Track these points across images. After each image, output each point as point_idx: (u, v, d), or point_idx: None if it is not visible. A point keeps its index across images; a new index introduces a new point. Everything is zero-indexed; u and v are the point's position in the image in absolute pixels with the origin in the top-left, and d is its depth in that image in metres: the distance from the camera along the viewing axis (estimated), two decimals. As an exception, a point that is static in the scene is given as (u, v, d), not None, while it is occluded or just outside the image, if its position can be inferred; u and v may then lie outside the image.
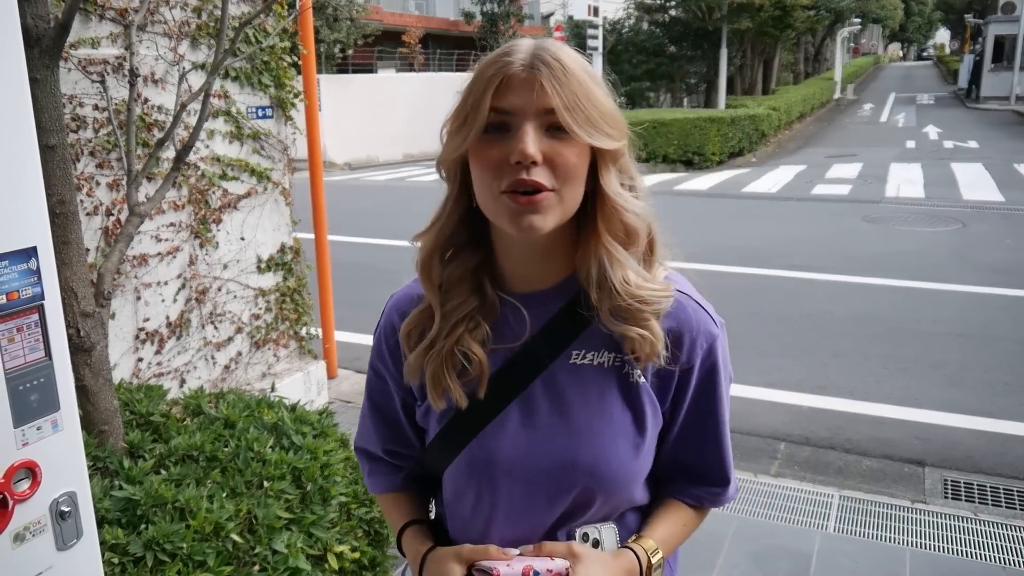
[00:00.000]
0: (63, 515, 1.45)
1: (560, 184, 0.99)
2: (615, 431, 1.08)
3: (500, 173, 0.99)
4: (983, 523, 3.42)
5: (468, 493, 1.15)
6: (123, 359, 3.52)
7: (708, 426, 1.16)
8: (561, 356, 1.10)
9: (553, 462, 1.08)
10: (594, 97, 0.99)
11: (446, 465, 1.16)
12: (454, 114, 1.04)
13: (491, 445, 1.11)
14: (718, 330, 1.13)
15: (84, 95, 3.25)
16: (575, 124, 0.97)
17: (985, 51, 30.66)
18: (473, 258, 1.10)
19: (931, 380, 5.13)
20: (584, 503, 1.10)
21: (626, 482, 1.11)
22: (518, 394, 1.10)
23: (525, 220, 0.99)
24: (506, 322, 1.11)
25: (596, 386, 1.09)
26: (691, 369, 1.11)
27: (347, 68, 24.61)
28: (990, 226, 9.88)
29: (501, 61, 0.99)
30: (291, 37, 4.31)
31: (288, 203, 4.35)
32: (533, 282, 1.11)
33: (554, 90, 0.96)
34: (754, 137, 18.62)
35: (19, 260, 1.36)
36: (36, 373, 1.39)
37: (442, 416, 1.14)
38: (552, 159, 0.98)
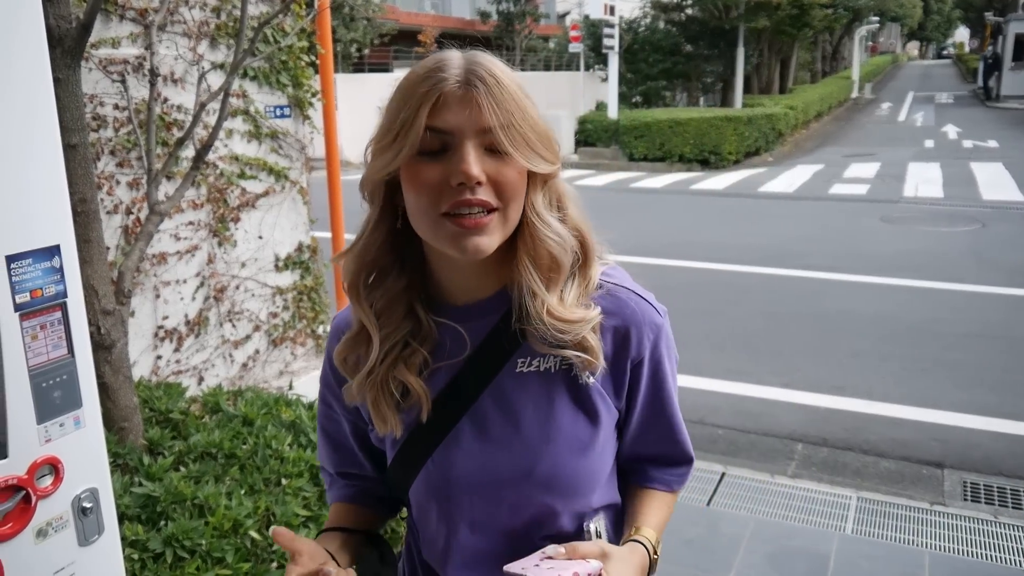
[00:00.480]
0: (85, 511, 1.47)
1: (504, 203, 0.96)
2: (568, 435, 1.07)
3: (439, 195, 0.95)
4: (1003, 526, 3.39)
5: (430, 511, 1.14)
6: (142, 357, 3.55)
7: (664, 414, 1.17)
8: (506, 366, 1.07)
9: (511, 474, 1.07)
10: (530, 117, 0.96)
11: (408, 485, 1.15)
12: (381, 132, 1.00)
13: (446, 463, 1.09)
14: (662, 319, 1.12)
15: (105, 94, 3.28)
16: (511, 145, 0.94)
17: (1006, 49, 30.35)
18: (399, 281, 1.07)
19: (950, 381, 5.09)
20: (548, 511, 1.09)
21: (586, 484, 1.10)
22: (467, 409, 1.08)
23: (471, 243, 0.95)
24: (443, 341, 1.09)
25: (545, 393, 1.07)
26: (641, 362, 1.10)
27: (363, 68, 24.69)
28: (1010, 226, 9.79)
29: (435, 77, 0.94)
30: (309, 37, 4.33)
31: (306, 202, 4.37)
32: (468, 294, 1.08)
33: (491, 108, 0.92)
34: (771, 136, 18.53)
35: (42, 258, 1.37)
36: (59, 370, 1.40)
37: (394, 440, 1.13)
38: (494, 178, 0.95)
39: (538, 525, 1.10)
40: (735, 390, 5.03)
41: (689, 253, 8.63)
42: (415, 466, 1.11)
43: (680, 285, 7.51)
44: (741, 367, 5.41)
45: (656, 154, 16.96)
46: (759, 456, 4.17)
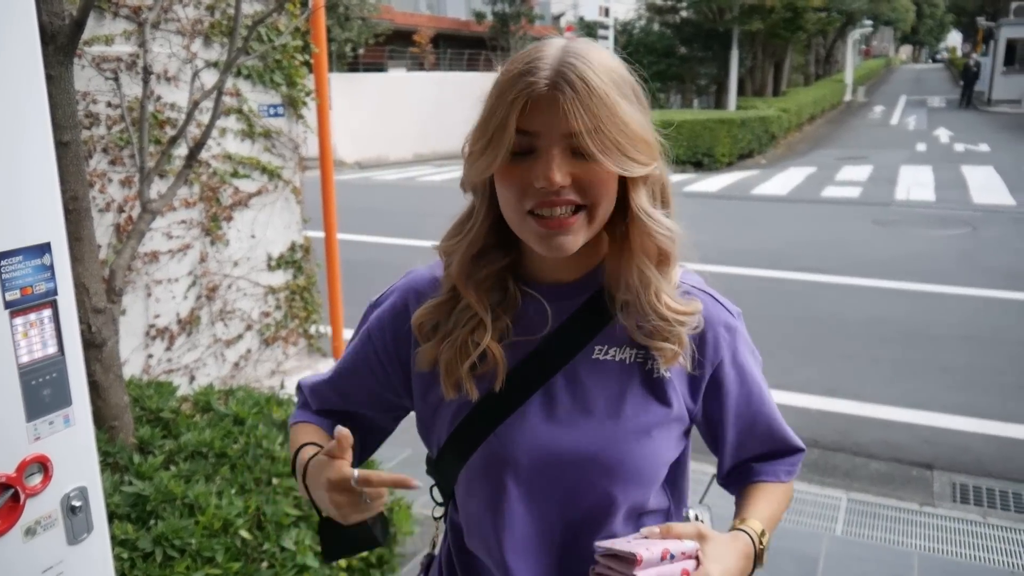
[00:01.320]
0: (74, 510, 1.46)
1: (590, 203, 0.98)
2: (637, 425, 1.07)
3: (526, 193, 0.97)
4: (991, 527, 3.41)
5: (484, 489, 1.12)
6: (133, 355, 3.54)
7: (762, 413, 1.18)
8: (583, 351, 1.08)
9: (574, 456, 1.06)
10: (621, 118, 0.95)
11: (458, 471, 1.13)
12: (477, 133, 1.01)
13: (510, 438, 1.08)
14: (736, 320, 1.14)
15: (98, 92, 3.27)
16: (598, 150, 0.93)
17: (997, 54, 30.48)
18: (501, 260, 1.09)
19: (941, 383, 5.11)
20: (607, 500, 1.08)
21: (648, 479, 1.09)
22: (539, 387, 1.08)
23: (553, 242, 0.98)
24: (527, 315, 1.10)
25: (618, 382, 1.08)
26: (722, 364, 1.11)
27: (358, 67, 24.65)
28: (1001, 229, 9.83)
29: (524, 81, 0.95)
30: (303, 36, 4.32)
31: (299, 201, 4.36)
32: (558, 275, 1.10)
33: (577, 113, 0.92)
34: (764, 139, 18.58)
35: (33, 255, 1.37)
36: (49, 368, 1.40)
37: (457, 411, 1.11)
38: (581, 179, 0.96)
39: (594, 515, 1.08)
40: (727, 391, 5.03)
41: (681, 255, 8.61)
42: (478, 438, 1.10)
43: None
44: (733, 369, 5.41)
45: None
46: (750, 457, 4.18)
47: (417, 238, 9.80)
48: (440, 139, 21.50)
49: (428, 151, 21.39)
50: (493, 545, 1.12)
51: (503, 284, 1.09)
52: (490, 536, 1.12)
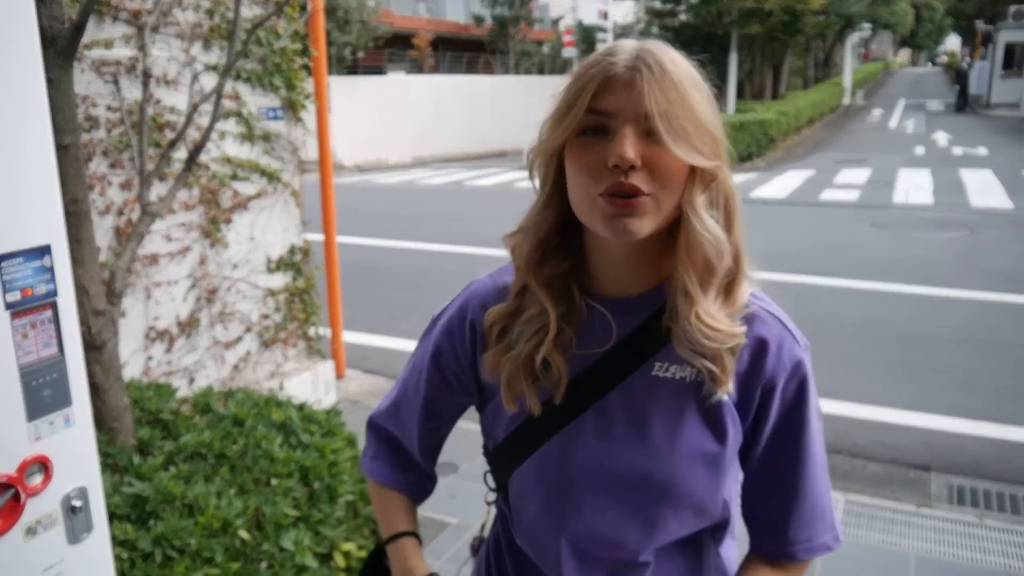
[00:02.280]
0: (74, 509, 1.47)
1: (658, 190, 0.96)
2: (693, 449, 1.05)
3: (597, 176, 0.96)
4: (988, 528, 3.42)
5: (534, 498, 1.12)
6: (133, 357, 3.55)
7: (797, 463, 1.09)
8: (643, 367, 1.06)
9: (627, 474, 1.05)
10: (691, 106, 0.95)
11: (512, 470, 1.14)
12: (552, 112, 1.01)
13: (563, 452, 1.08)
14: (802, 351, 1.08)
15: (97, 95, 3.28)
16: (665, 132, 0.93)
17: (996, 57, 30.53)
18: (563, 263, 1.07)
19: (938, 385, 5.12)
20: (659, 520, 1.06)
21: (702, 502, 1.07)
22: (595, 402, 1.07)
23: (621, 223, 0.96)
24: (591, 328, 1.08)
25: (676, 401, 1.05)
26: (772, 391, 1.06)
27: (357, 71, 24.70)
28: (999, 232, 9.84)
29: (604, 62, 0.96)
30: (302, 39, 4.34)
31: (298, 204, 4.38)
32: (622, 287, 1.07)
33: (651, 94, 0.92)
34: (763, 142, 18.60)
35: (33, 257, 1.38)
36: (49, 369, 1.41)
37: (512, 419, 1.12)
38: (651, 163, 0.95)
39: (649, 533, 1.07)
40: (725, 394, 5.04)
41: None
42: (531, 447, 1.10)
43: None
44: (731, 371, 5.42)
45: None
46: (748, 459, 4.19)
47: (416, 240, 9.85)
48: (439, 142, 21.54)
49: (427, 154, 21.41)
50: (543, 550, 1.13)
51: (569, 294, 1.08)
52: (541, 542, 1.13)
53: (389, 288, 7.63)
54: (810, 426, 1.09)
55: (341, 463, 2.67)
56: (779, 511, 1.12)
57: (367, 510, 2.68)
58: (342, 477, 2.63)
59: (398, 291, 7.48)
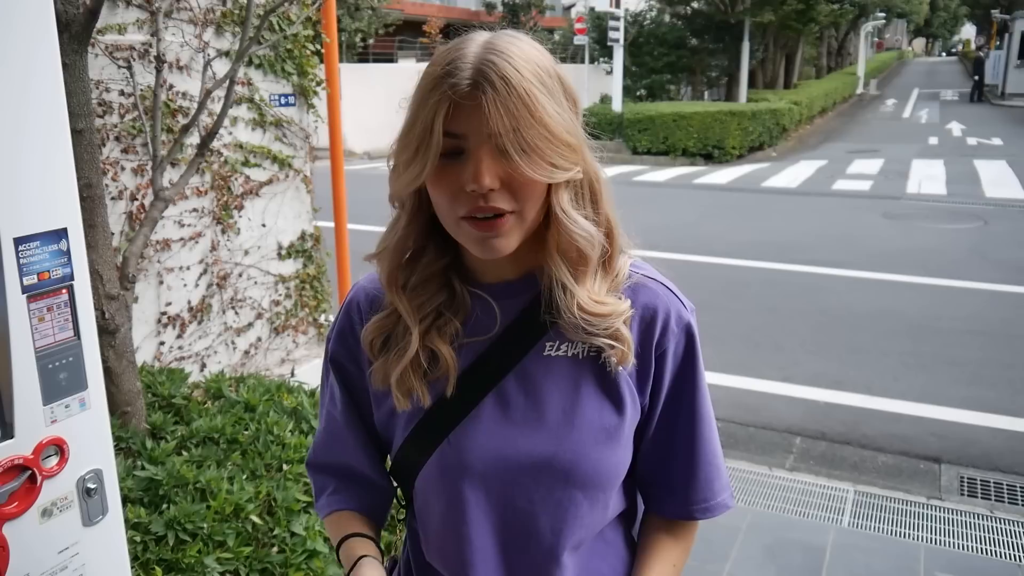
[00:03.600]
0: (89, 492, 1.49)
1: (520, 205, 0.94)
2: (593, 424, 1.03)
3: (457, 199, 0.94)
4: (999, 520, 3.41)
5: (439, 499, 1.08)
6: (145, 342, 3.57)
7: (691, 427, 1.10)
8: (535, 348, 1.05)
9: (530, 459, 1.03)
10: (540, 119, 0.91)
11: (420, 466, 1.09)
12: (401, 140, 0.98)
13: (463, 443, 1.05)
14: (689, 315, 1.08)
15: (111, 81, 3.29)
16: (516, 153, 0.90)
17: (1012, 47, 30.23)
18: (440, 261, 1.06)
19: (949, 377, 5.10)
20: (570, 505, 1.04)
21: (608, 477, 1.05)
22: (491, 389, 1.05)
23: (487, 244, 0.95)
24: (476, 316, 1.06)
25: (571, 378, 1.04)
26: (664, 354, 1.06)
27: (368, 58, 24.65)
28: (1013, 224, 9.78)
29: (445, 82, 0.91)
30: (314, 26, 4.33)
31: (309, 191, 4.38)
32: (501, 273, 1.06)
33: (496, 115, 0.89)
34: (775, 131, 18.50)
35: (50, 241, 1.39)
36: (65, 352, 1.42)
37: (409, 418, 1.08)
38: (509, 181, 0.93)
39: (557, 520, 1.05)
40: (735, 383, 5.04)
41: (691, 247, 8.63)
42: (431, 445, 1.07)
43: (682, 278, 7.42)
44: (741, 361, 5.42)
45: (660, 148, 16.93)
46: (757, 449, 4.19)
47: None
48: (450, 130, 21.45)
49: (438, 142, 21.35)
50: (452, 557, 1.09)
51: (449, 285, 1.07)
52: (449, 549, 1.09)
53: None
54: (701, 386, 1.10)
55: (352, 449, 2.68)
56: (678, 473, 1.11)
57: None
58: (353, 463, 2.64)
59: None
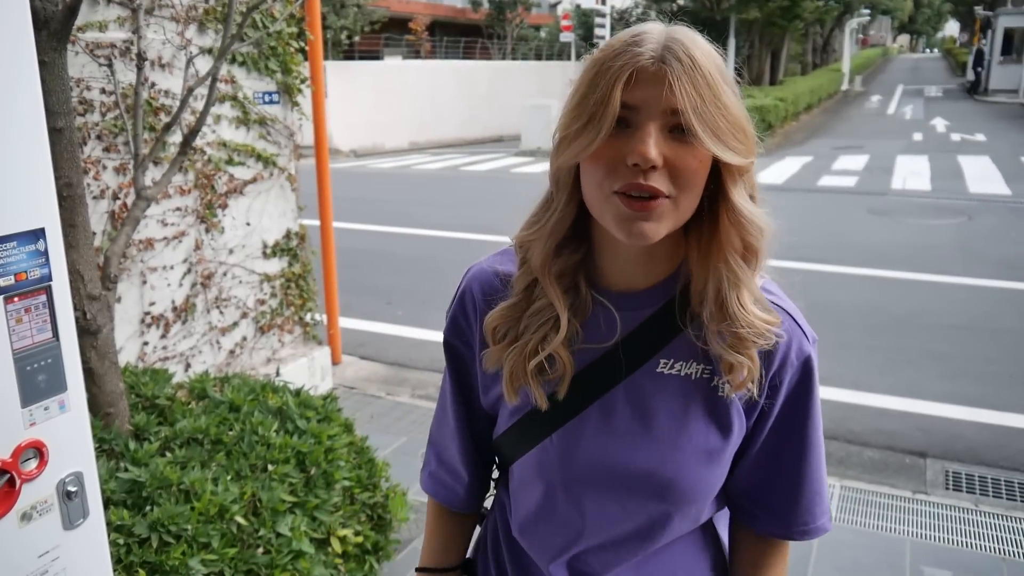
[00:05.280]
0: (70, 495, 1.47)
1: (678, 191, 0.91)
2: (697, 446, 1.02)
3: (614, 172, 0.90)
4: (984, 514, 3.43)
5: (534, 488, 1.10)
6: (129, 343, 3.54)
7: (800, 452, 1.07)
8: (648, 363, 1.03)
9: (629, 471, 1.03)
10: (724, 103, 0.90)
11: (512, 461, 1.13)
12: (572, 111, 0.93)
13: (566, 444, 1.05)
14: (811, 347, 1.05)
15: (91, 78, 3.25)
16: (701, 131, 0.87)
17: (994, 43, 30.46)
18: (575, 256, 1.03)
19: (935, 372, 5.13)
20: (662, 519, 1.05)
21: (703, 496, 1.06)
22: (599, 397, 1.04)
23: (636, 226, 0.91)
24: (596, 322, 1.04)
25: (681, 398, 1.03)
26: (780, 386, 1.03)
27: (353, 55, 24.56)
28: (997, 219, 9.85)
29: (630, 51, 0.89)
30: (298, 23, 4.31)
31: (294, 189, 4.36)
32: (630, 282, 1.04)
33: (683, 90, 0.86)
34: (760, 128, 18.18)
35: (27, 241, 1.37)
36: (44, 354, 1.40)
37: (514, 411, 1.09)
38: (673, 164, 0.89)
39: (644, 533, 1.06)
40: (722, 380, 5.05)
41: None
42: (534, 439, 1.08)
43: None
44: (728, 357, 5.43)
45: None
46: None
47: (412, 227, 9.81)
48: (436, 127, 21.47)
49: (424, 139, 21.35)
50: (538, 544, 1.11)
51: (576, 286, 1.04)
52: (541, 538, 1.11)
53: (385, 274, 7.61)
54: (814, 418, 1.07)
55: (338, 449, 2.66)
56: (779, 497, 1.10)
57: (363, 496, 2.68)
58: (338, 463, 2.62)
59: (394, 277, 7.46)
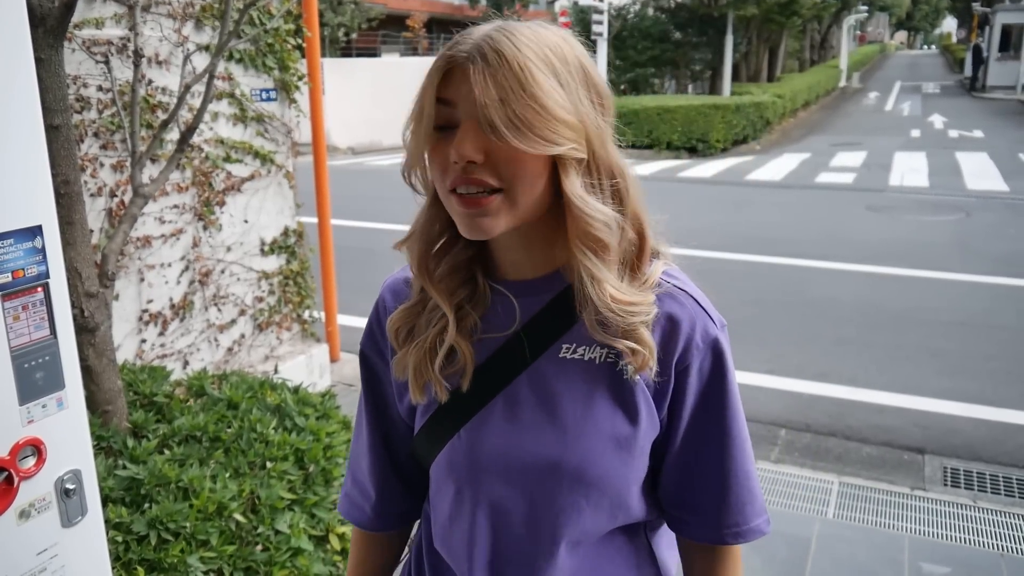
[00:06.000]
0: (68, 492, 1.47)
1: (508, 183, 0.91)
2: (603, 431, 1.00)
3: (446, 171, 0.93)
4: (982, 510, 3.44)
5: (447, 490, 1.08)
6: (127, 340, 3.54)
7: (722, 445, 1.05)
8: (550, 349, 1.02)
9: (536, 460, 1.01)
10: (532, 94, 0.88)
11: (431, 459, 1.10)
12: (411, 113, 0.97)
13: (472, 440, 1.04)
14: (718, 330, 1.03)
15: (88, 76, 3.25)
16: (501, 123, 0.88)
17: (992, 40, 30.47)
18: (466, 251, 1.04)
19: (932, 368, 5.14)
20: (572, 510, 1.02)
21: (616, 488, 1.02)
22: (503, 387, 1.03)
23: (473, 222, 0.93)
24: (496, 312, 1.05)
25: (585, 383, 1.01)
26: (688, 370, 1.01)
27: (351, 52, 24.54)
28: (994, 215, 9.86)
29: (451, 51, 0.92)
30: (295, 19, 4.30)
31: (291, 186, 4.35)
32: (522, 271, 1.04)
33: (483, 85, 0.88)
34: (759, 125, 18.56)
35: (24, 238, 1.36)
36: (41, 351, 1.40)
37: (425, 409, 1.09)
38: (496, 156, 0.90)
39: (558, 521, 1.03)
40: (720, 376, 5.06)
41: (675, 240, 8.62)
42: (443, 437, 1.07)
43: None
44: (726, 354, 5.44)
45: (644, 141, 16.94)
46: (743, 442, 4.20)
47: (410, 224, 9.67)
48: (434, 124, 21.39)
49: (422, 137, 21.28)
50: (453, 548, 1.09)
51: (472, 279, 1.05)
52: (452, 540, 1.09)
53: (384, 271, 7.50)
54: (731, 407, 1.05)
55: (336, 446, 2.66)
56: (708, 495, 1.07)
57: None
58: (337, 460, 2.62)
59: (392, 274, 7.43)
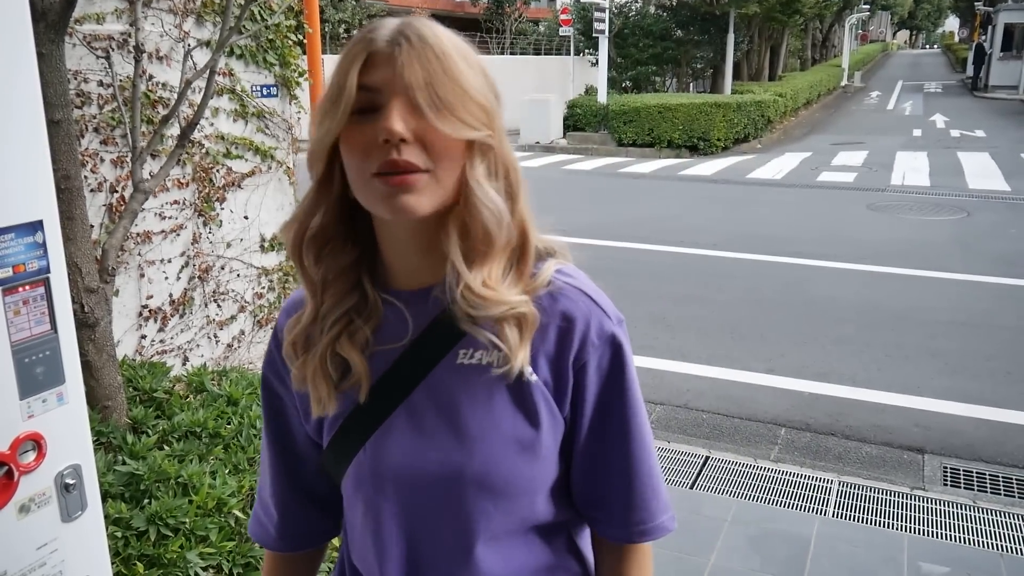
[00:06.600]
0: (68, 487, 1.47)
1: (435, 164, 0.92)
2: (505, 434, 0.99)
3: (370, 155, 0.91)
4: (982, 510, 3.44)
5: (358, 504, 1.07)
6: (126, 336, 3.53)
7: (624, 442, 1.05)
8: (447, 356, 1.01)
9: (440, 470, 1.00)
10: (454, 77, 0.91)
11: (341, 473, 1.08)
12: (323, 99, 0.96)
13: (376, 454, 1.03)
14: (614, 325, 1.02)
15: (89, 71, 3.24)
16: (427, 104, 0.89)
17: (995, 39, 30.44)
18: (350, 253, 1.02)
19: (933, 368, 5.13)
20: (480, 517, 1.01)
21: (522, 491, 1.02)
22: (403, 399, 1.02)
23: (398, 201, 0.91)
24: (388, 323, 1.03)
25: (484, 387, 1.00)
26: (585, 368, 1.00)
27: (352, 49, 24.52)
28: (996, 215, 9.85)
29: (366, 39, 0.93)
30: (296, 16, 4.30)
31: (292, 183, 4.35)
32: (416, 278, 1.02)
33: (411, 66, 0.90)
34: (760, 123, 18.54)
35: (25, 233, 1.36)
36: (42, 346, 1.40)
37: (330, 425, 1.06)
38: (423, 137, 0.91)
39: (467, 529, 1.02)
40: (720, 375, 5.06)
41: (677, 239, 8.65)
42: (348, 453, 1.05)
43: (667, 270, 7.53)
44: (726, 352, 5.44)
45: (645, 139, 16.93)
46: (742, 440, 4.20)
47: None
48: (435, 122, 21.40)
49: (423, 134, 21.29)
50: (367, 562, 1.08)
51: (359, 288, 1.03)
52: (365, 553, 1.09)
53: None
54: (632, 402, 1.04)
55: (336, 442, 2.66)
56: (613, 493, 1.06)
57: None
58: (337, 456, 2.62)
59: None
